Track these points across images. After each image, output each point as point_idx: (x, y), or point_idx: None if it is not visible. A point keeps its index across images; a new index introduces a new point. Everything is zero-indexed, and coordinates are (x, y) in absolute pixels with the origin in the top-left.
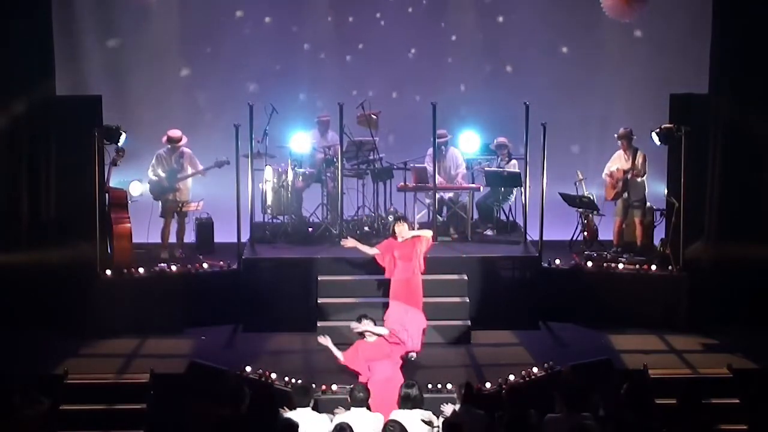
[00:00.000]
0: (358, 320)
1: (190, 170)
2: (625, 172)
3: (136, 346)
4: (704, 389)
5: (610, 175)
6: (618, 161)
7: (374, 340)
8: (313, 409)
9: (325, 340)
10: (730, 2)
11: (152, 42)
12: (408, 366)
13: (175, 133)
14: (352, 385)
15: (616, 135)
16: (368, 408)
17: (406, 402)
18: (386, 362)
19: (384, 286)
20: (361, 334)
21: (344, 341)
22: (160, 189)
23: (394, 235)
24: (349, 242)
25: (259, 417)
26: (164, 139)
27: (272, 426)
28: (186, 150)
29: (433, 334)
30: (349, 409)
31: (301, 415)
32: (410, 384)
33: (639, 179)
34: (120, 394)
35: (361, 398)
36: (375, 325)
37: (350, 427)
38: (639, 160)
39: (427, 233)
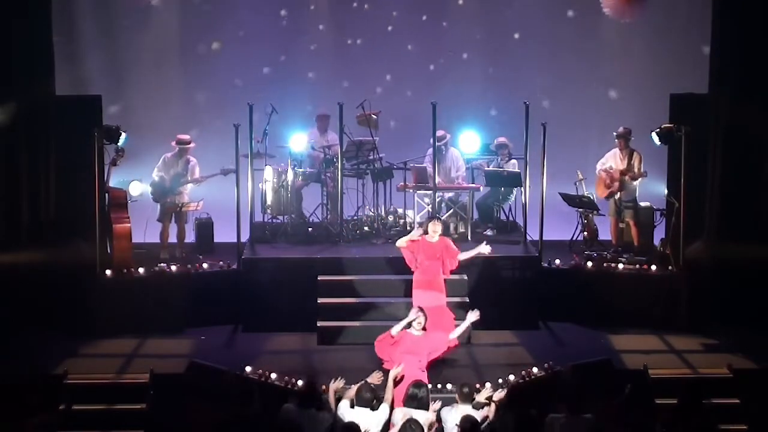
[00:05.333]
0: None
1: (197, 175)
2: (622, 172)
3: (136, 346)
4: (704, 389)
5: (605, 171)
6: (613, 160)
7: (421, 335)
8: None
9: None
10: (729, 2)
11: (152, 42)
12: None
13: (184, 136)
14: (356, 385)
15: (615, 133)
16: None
17: (412, 401)
18: (417, 360)
19: (384, 286)
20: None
21: (349, 341)
22: (162, 190)
23: (426, 232)
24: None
25: (263, 417)
26: (173, 142)
27: (274, 426)
28: (192, 159)
29: None
30: (353, 407)
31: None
32: (420, 384)
33: (634, 183)
34: (120, 394)
35: (367, 398)
36: None
37: (358, 427)
38: (635, 161)
39: (486, 249)
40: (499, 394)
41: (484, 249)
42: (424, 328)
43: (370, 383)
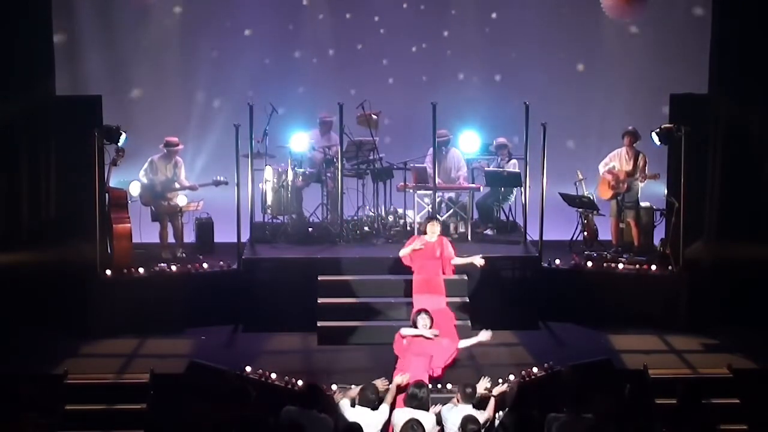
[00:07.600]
0: (418, 315)
1: (186, 183)
2: (628, 173)
3: (136, 346)
4: (704, 389)
5: (610, 172)
6: (617, 159)
7: (431, 340)
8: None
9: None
10: (729, 2)
11: (152, 42)
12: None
13: (172, 138)
14: (362, 385)
15: (624, 131)
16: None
17: (412, 401)
18: (424, 361)
19: (384, 286)
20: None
21: (349, 342)
22: (151, 194)
23: (424, 232)
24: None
25: (261, 417)
26: (161, 145)
27: (272, 426)
28: (179, 159)
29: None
30: (353, 407)
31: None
32: (420, 385)
33: (641, 184)
34: (120, 394)
35: (371, 399)
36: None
37: (360, 427)
38: (641, 163)
39: (479, 261)
40: (500, 388)
41: (478, 261)
42: (431, 327)
43: (375, 386)
